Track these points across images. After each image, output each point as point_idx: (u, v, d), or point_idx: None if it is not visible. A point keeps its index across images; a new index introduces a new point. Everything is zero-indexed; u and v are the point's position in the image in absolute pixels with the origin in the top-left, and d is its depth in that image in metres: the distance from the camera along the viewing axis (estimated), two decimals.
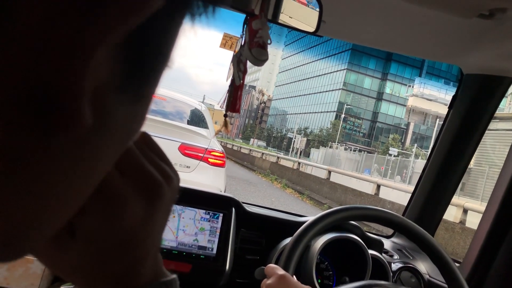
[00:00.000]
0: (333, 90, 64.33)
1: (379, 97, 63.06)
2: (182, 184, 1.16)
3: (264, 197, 10.83)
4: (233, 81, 0.86)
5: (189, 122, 4.52)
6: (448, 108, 1.47)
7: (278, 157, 23.66)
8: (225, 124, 0.88)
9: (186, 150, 4.04)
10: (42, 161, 0.21)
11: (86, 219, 0.31)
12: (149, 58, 0.23)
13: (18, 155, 0.20)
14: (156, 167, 0.34)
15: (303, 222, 1.06)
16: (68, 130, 0.20)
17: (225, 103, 0.88)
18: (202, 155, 4.09)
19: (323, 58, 68.94)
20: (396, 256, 1.40)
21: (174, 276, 0.38)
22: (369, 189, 12.77)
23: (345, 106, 58.62)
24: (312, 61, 72.76)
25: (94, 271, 0.33)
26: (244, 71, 0.85)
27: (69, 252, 0.32)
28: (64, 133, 0.20)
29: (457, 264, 1.09)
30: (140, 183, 0.32)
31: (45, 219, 0.23)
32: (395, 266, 1.31)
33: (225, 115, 0.87)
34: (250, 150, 30.77)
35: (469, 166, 1.53)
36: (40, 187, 0.21)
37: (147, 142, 0.35)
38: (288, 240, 1.09)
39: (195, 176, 3.93)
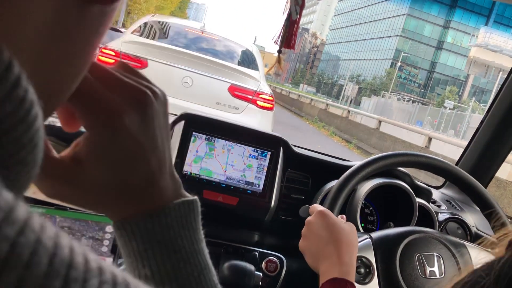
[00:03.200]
0: (390, 36, 61.33)
1: (439, 46, 59.64)
2: (232, 121, 1.17)
3: (310, 144, 10.80)
4: (289, 15, 0.82)
5: (239, 63, 4.48)
6: None
7: (327, 104, 23.29)
8: (279, 61, 0.86)
9: (235, 91, 4.04)
10: (78, 31, 0.25)
11: (88, 136, 0.34)
12: None
13: (62, 27, 0.23)
14: (138, 83, 0.36)
15: (350, 166, 1.05)
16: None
17: (279, 39, 0.85)
18: (251, 97, 4.09)
19: (383, 1, 65.22)
20: (444, 207, 1.38)
21: (195, 197, 0.40)
22: (420, 141, 12.41)
23: (402, 54, 56.02)
24: (371, 4, 69.08)
25: (112, 188, 0.36)
26: (302, 5, 0.81)
27: (82, 176, 0.34)
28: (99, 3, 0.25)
29: (509, 220, 1.06)
30: (127, 95, 0.35)
31: (67, 87, 0.27)
32: (442, 216, 1.29)
33: (279, 51, 0.85)
34: (299, 95, 30.42)
35: None
36: (73, 56, 0.25)
37: (126, 68, 0.38)
38: (334, 183, 1.09)
39: (243, 118, 3.95)
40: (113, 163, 0.35)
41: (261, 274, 1.06)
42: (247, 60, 4.62)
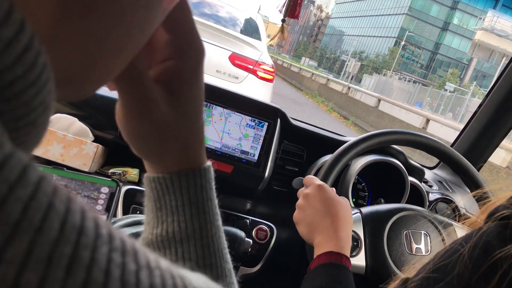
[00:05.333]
0: (396, 14, 60.35)
1: (445, 27, 58.83)
2: (232, 89, 1.16)
3: (308, 118, 10.79)
4: None
5: (242, 32, 4.41)
6: None
7: (328, 79, 23.17)
8: (282, 30, 0.85)
9: (236, 60, 3.99)
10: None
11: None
12: None
13: None
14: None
15: (346, 142, 1.06)
16: None
17: (284, 7, 0.84)
18: (252, 67, 4.04)
19: None
20: (435, 187, 1.40)
21: (209, 163, 0.42)
22: (418, 122, 12.45)
23: (407, 33, 55.31)
24: None
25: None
26: None
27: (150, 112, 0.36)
28: None
29: None
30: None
31: (103, 62, 0.25)
32: (432, 196, 1.31)
33: (283, 20, 0.84)
34: (300, 69, 30.17)
35: None
36: (103, 29, 0.23)
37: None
38: (328, 157, 1.09)
39: (242, 88, 3.92)
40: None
41: (250, 240, 1.08)
42: (250, 29, 4.55)
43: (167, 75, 0.36)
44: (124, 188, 1.03)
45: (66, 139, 1.04)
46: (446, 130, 10.85)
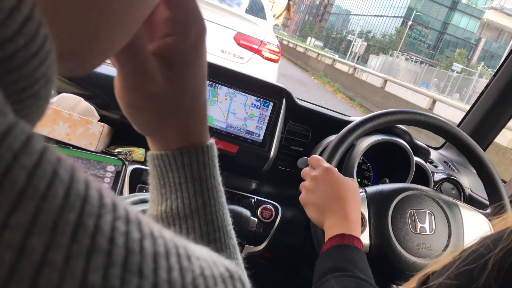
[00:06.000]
0: None
1: (453, 6, 57.84)
2: (237, 69, 1.16)
3: (314, 99, 10.67)
4: None
5: (247, 11, 4.35)
6: None
7: (334, 60, 22.95)
8: (288, 8, 0.84)
9: (241, 40, 3.95)
10: None
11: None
12: None
13: None
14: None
15: (351, 121, 1.05)
16: None
17: None
18: (257, 47, 4.00)
19: None
20: (440, 167, 1.39)
21: (212, 141, 0.42)
22: (424, 103, 12.36)
23: (414, 12, 54.46)
24: None
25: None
26: None
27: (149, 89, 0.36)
28: None
29: (503, 183, 1.07)
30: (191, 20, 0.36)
31: (106, 34, 0.25)
32: (438, 176, 1.31)
33: None
34: (306, 49, 29.87)
35: None
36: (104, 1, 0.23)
37: None
38: (333, 137, 1.09)
39: (247, 69, 3.89)
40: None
41: (256, 219, 1.09)
42: (255, 8, 4.49)
43: (167, 51, 0.36)
44: (130, 167, 1.04)
45: (72, 119, 1.04)
46: (452, 111, 10.76)
